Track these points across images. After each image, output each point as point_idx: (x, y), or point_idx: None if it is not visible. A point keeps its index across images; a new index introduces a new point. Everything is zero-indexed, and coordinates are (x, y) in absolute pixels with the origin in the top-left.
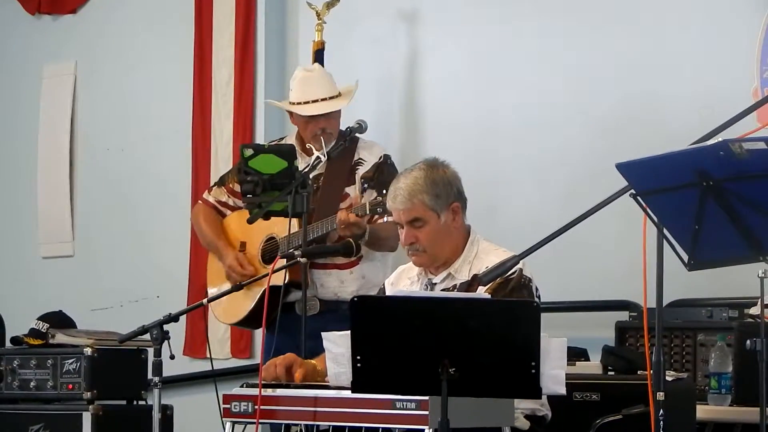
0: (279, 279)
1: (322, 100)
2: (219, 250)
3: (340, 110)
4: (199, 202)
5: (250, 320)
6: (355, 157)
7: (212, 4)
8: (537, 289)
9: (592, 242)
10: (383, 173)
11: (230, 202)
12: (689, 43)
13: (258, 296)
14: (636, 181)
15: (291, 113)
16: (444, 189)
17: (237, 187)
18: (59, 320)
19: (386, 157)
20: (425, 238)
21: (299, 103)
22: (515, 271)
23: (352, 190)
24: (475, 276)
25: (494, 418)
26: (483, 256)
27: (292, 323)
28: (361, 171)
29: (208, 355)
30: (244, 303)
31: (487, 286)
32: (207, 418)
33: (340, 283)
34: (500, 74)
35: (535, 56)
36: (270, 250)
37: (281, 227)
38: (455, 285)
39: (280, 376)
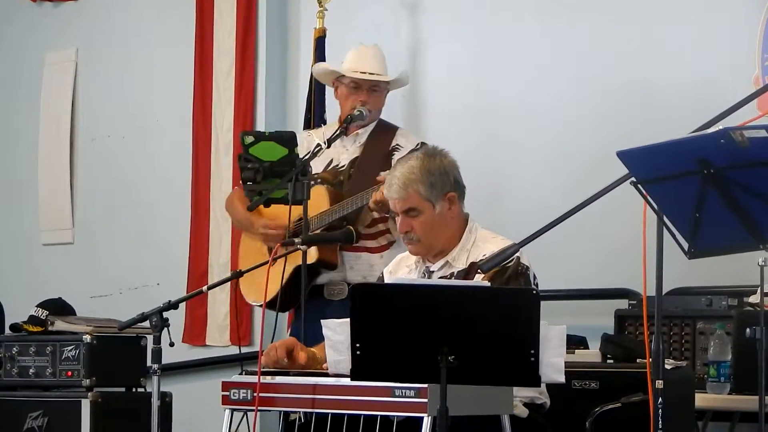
0: (309, 258)
1: (370, 74)
2: (251, 222)
3: (384, 92)
4: (235, 188)
5: (285, 300)
6: (393, 143)
7: None
8: (535, 277)
9: (592, 230)
10: None
11: None
12: (690, 31)
13: (289, 274)
14: (636, 169)
15: (336, 88)
16: (439, 178)
17: None
18: (58, 307)
19: (423, 144)
20: (420, 228)
21: (350, 71)
22: (512, 259)
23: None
24: (472, 264)
25: (493, 406)
26: (481, 244)
27: (318, 308)
28: (397, 156)
29: (233, 343)
30: (273, 283)
31: (485, 274)
32: (206, 405)
33: (369, 267)
34: (501, 63)
35: (536, 45)
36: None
37: (312, 207)
38: (452, 273)
39: (280, 359)
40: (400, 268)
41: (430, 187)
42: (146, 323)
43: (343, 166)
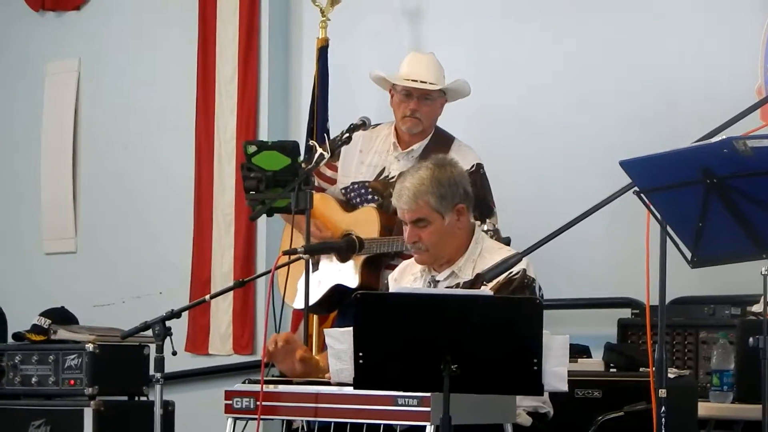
0: (352, 281)
1: (422, 82)
2: (297, 223)
3: (437, 101)
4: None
5: (320, 307)
6: None
7: (216, 2)
8: (540, 289)
9: (595, 239)
10: (475, 185)
11: (315, 182)
12: (693, 41)
13: (327, 288)
14: (639, 179)
15: (392, 95)
16: (449, 190)
17: (326, 171)
18: (61, 316)
19: (479, 166)
20: (428, 238)
21: (400, 78)
22: (519, 271)
23: None
24: (478, 275)
25: (496, 415)
26: (487, 254)
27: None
28: None
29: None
30: (315, 291)
31: (490, 285)
32: (208, 414)
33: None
34: (502, 69)
35: (537, 51)
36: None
37: (360, 228)
38: (458, 284)
39: (279, 340)
40: (405, 276)
41: (440, 199)
42: (149, 332)
43: (393, 178)
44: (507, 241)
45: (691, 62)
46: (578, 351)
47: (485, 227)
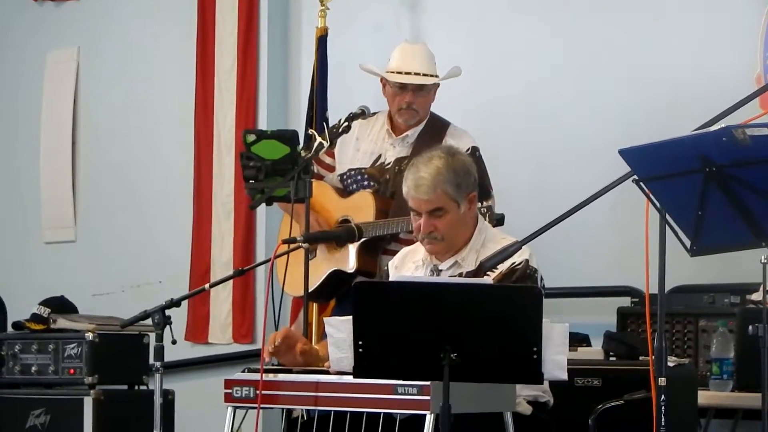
0: (349, 266)
1: (416, 74)
2: (296, 212)
3: (431, 91)
4: None
5: (319, 294)
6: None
7: None
8: (542, 279)
9: (595, 228)
10: None
11: (314, 169)
12: (692, 30)
13: (325, 275)
14: (639, 167)
15: (384, 85)
16: (464, 178)
17: (325, 158)
18: (61, 305)
19: (474, 149)
20: (444, 228)
21: (393, 73)
22: (521, 261)
23: None
24: (481, 264)
25: (496, 404)
26: (489, 244)
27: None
28: None
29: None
30: (313, 278)
31: (493, 275)
32: (208, 403)
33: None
34: (502, 60)
35: (538, 43)
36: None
37: (357, 213)
38: (461, 273)
39: (279, 337)
40: (406, 263)
41: (457, 187)
42: (148, 321)
43: (389, 164)
44: (501, 218)
45: (691, 52)
46: (578, 340)
47: (478, 205)
